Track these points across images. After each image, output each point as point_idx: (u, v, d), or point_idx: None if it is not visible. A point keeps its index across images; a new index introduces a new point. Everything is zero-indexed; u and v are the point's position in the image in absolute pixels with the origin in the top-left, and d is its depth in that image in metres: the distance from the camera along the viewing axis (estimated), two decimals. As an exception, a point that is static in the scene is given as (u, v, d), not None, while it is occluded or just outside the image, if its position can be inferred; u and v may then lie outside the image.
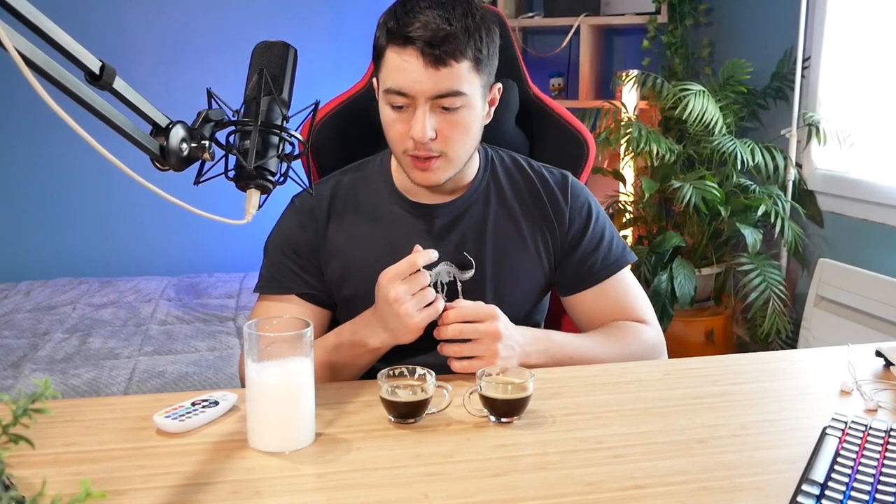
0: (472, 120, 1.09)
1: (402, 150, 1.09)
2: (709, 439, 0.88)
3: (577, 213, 1.22)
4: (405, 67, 1.03)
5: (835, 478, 0.76)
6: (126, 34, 3.19)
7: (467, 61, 1.04)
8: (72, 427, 0.92)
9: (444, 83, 1.03)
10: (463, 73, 1.04)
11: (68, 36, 0.68)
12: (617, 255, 1.22)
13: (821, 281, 2.51)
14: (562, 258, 1.22)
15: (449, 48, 1.02)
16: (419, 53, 1.02)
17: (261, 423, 0.86)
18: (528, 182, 1.23)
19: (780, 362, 1.15)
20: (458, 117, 1.07)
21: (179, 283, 3.06)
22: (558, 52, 3.35)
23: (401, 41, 1.03)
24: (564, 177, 1.24)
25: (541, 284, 1.22)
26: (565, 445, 0.87)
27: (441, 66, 1.02)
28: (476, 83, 1.07)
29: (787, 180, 2.71)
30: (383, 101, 1.09)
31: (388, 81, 1.06)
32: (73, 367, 2.17)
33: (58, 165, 3.19)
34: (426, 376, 0.94)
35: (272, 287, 1.19)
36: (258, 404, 0.86)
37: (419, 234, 1.17)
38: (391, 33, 1.04)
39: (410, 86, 1.03)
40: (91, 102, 0.71)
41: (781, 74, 2.80)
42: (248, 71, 0.92)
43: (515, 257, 1.19)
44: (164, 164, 0.82)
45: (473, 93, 1.07)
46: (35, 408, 0.51)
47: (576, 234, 1.21)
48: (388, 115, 1.09)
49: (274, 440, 0.86)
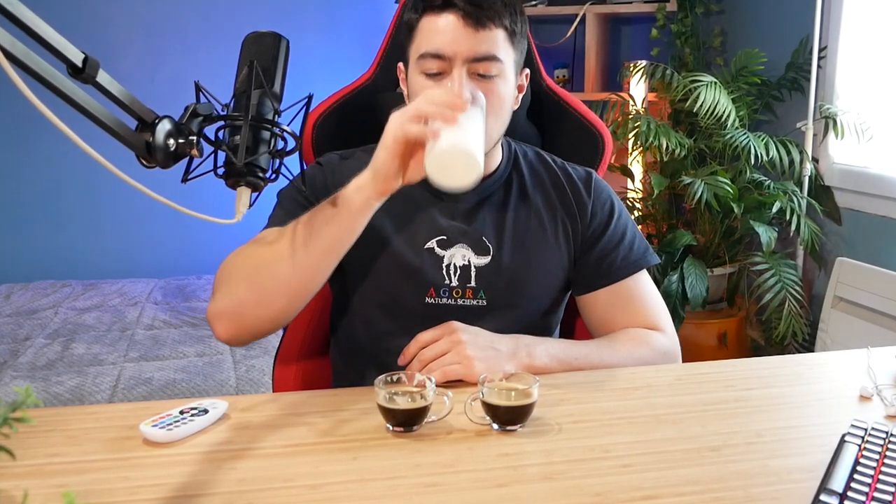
0: (506, 93, 1.12)
1: None
2: (722, 447, 0.88)
3: (600, 208, 1.24)
4: (443, 28, 1.07)
5: (854, 487, 0.76)
6: (110, 25, 3.19)
7: (503, 29, 1.08)
8: (54, 437, 0.92)
9: (482, 45, 1.07)
10: (500, 40, 1.08)
11: (49, 27, 0.68)
12: (637, 255, 1.23)
13: (839, 281, 2.51)
14: (581, 253, 1.23)
15: (488, 12, 1.06)
16: (459, 14, 1.06)
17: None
18: (551, 175, 1.25)
19: (797, 366, 1.15)
20: (495, 86, 1.09)
21: (167, 286, 3.06)
22: (563, 43, 3.35)
23: (439, 3, 1.07)
24: (588, 173, 1.27)
25: (560, 279, 1.23)
26: (571, 454, 0.87)
27: (480, 28, 1.06)
28: (510, 55, 1.11)
29: (803, 176, 2.71)
30: (415, 70, 1.10)
31: (423, 46, 1.08)
32: (55, 374, 2.17)
33: (39, 163, 3.20)
34: (426, 382, 0.94)
35: (283, 221, 1.09)
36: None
37: (439, 214, 1.19)
38: (428, 2, 1.08)
39: (448, 46, 1.06)
40: (73, 96, 0.71)
41: (797, 65, 2.80)
42: (238, 63, 0.92)
43: (535, 248, 1.20)
44: (151, 160, 0.82)
45: (508, 63, 1.11)
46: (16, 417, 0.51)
47: (597, 228, 1.23)
48: (419, 84, 1.10)
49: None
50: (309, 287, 1.05)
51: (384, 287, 1.18)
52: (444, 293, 1.18)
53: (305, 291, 1.05)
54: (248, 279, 1.05)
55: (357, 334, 1.23)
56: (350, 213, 1.00)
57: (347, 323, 1.24)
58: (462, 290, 1.18)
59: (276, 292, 1.04)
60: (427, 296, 1.17)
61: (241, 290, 1.05)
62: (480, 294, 1.18)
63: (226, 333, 1.05)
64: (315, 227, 1.01)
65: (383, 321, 1.19)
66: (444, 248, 1.18)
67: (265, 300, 1.04)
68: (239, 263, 1.07)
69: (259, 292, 1.04)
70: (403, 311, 1.17)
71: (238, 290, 1.05)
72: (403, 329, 1.12)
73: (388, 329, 1.19)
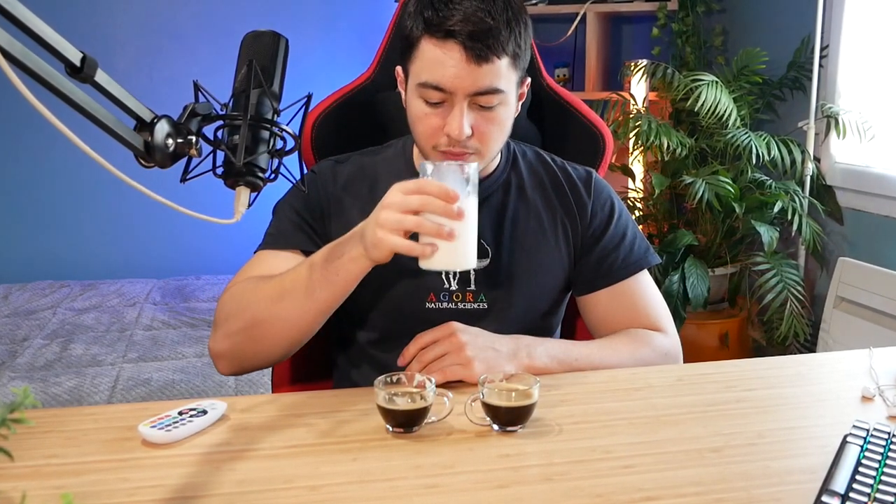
0: (507, 117, 1.11)
1: (433, 146, 1.09)
2: (723, 448, 0.88)
3: (600, 208, 1.23)
4: (445, 62, 1.03)
5: (856, 488, 0.76)
6: (108, 24, 3.19)
7: (507, 57, 1.05)
8: (52, 438, 0.92)
9: (484, 80, 1.04)
10: (503, 71, 1.05)
11: (47, 26, 0.68)
12: (638, 255, 1.23)
13: (841, 281, 2.51)
14: (581, 254, 1.23)
15: (492, 43, 1.02)
16: (461, 48, 1.02)
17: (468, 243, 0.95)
18: (550, 175, 1.25)
19: (799, 367, 1.15)
20: (496, 114, 1.08)
21: (165, 286, 3.06)
22: (563, 42, 3.35)
23: (440, 33, 1.02)
24: (588, 173, 1.26)
25: (560, 280, 1.23)
26: (572, 455, 0.87)
27: (483, 62, 1.03)
28: (513, 79, 1.08)
29: (804, 175, 2.70)
30: (414, 93, 1.08)
31: (423, 75, 1.05)
32: (53, 375, 2.17)
33: (37, 162, 3.20)
34: (425, 383, 0.94)
35: (277, 242, 1.17)
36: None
37: None
38: (429, 24, 1.03)
39: (450, 81, 1.04)
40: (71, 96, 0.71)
41: (798, 64, 2.80)
42: (237, 62, 0.92)
43: (534, 250, 1.20)
44: (149, 160, 0.82)
45: (510, 90, 1.08)
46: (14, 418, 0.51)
47: (597, 229, 1.23)
48: (419, 109, 1.09)
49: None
50: (307, 335, 1.09)
51: (384, 293, 1.18)
52: (444, 297, 1.18)
53: (303, 339, 1.10)
54: (246, 331, 1.08)
55: (358, 339, 1.23)
56: (346, 282, 1.02)
57: (349, 328, 1.24)
58: (462, 294, 1.18)
59: (273, 345, 1.09)
60: (427, 301, 1.17)
61: (239, 339, 1.09)
62: (481, 297, 1.18)
63: (227, 371, 1.13)
64: (311, 290, 1.03)
65: (384, 327, 1.20)
66: None
67: (263, 351, 1.10)
68: (237, 308, 1.09)
69: (257, 343, 1.09)
70: (404, 317, 1.17)
71: (237, 338, 1.09)
72: (404, 334, 1.11)
73: (389, 334, 1.19)
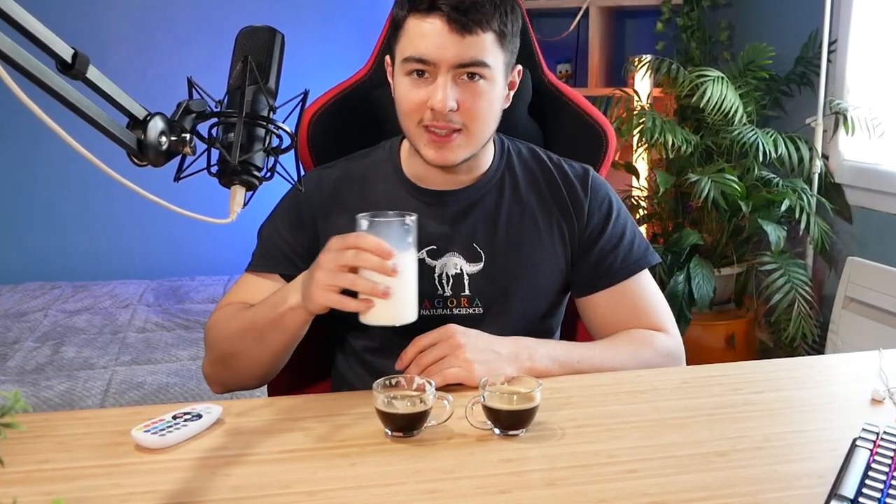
0: (494, 95, 1.11)
1: (418, 121, 1.10)
2: (730, 452, 0.88)
3: (597, 208, 1.23)
4: (428, 33, 1.06)
5: (866, 493, 0.76)
6: (100, 19, 3.19)
7: (492, 33, 1.07)
8: (44, 443, 0.92)
9: (468, 51, 1.06)
10: (487, 45, 1.07)
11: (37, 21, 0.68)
12: (638, 255, 1.22)
13: (849, 281, 2.51)
14: (579, 254, 1.22)
15: (476, 16, 1.05)
16: (445, 19, 1.05)
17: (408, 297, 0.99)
18: (546, 174, 1.24)
19: (807, 369, 1.15)
20: (481, 89, 1.09)
21: (159, 287, 3.06)
22: (565, 37, 3.35)
23: (424, 7, 1.06)
24: (585, 170, 1.25)
25: (557, 282, 1.23)
26: (575, 460, 0.87)
27: (466, 34, 1.05)
28: (500, 58, 1.10)
29: (812, 173, 2.71)
30: (400, 71, 1.10)
31: (407, 50, 1.08)
32: (44, 379, 2.17)
33: (27, 161, 3.19)
34: (425, 386, 0.94)
35: (258, 266, 1.22)
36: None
37: (428, 220, 1.17)
38: (413, 1, 1.06)
39: (434, 52, 1.06)
40: (62, 93, 0.71)
41: (806, 59, 2.80)
42: (232, 58, 0.92)
43: (530, 251, 1.20)
44: (142, 159, 0.82)
45: (497, 67, 1.10)
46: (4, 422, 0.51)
47: (595, 229, 1.22)
48: (404, 85, 1.10)
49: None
50: (276, 368, 1.16)
51: None
52: (438, 304, 1.18)
53: (273, 371, 1.17)
54: (223, 361, 1.17)
55: (355, 345, 1.23)
56: (293, 328, 1.08)
57: (345, 333, 1.24)
58: (457, 300, 1.18)
59: (248, 375, 1.17)
60: (422, 308, 1.16)
61: (219, 367, 1.18)
62: (476, 302, 1.18)
63: (218, 391, 1.21)
64: (265, 333, 1.09)
65: (380, 336, 1.19)
66: (434, 257, 1.17)
67: (242, 377, 1.18)
68: (216, 338, 1.16)
69: (233, 371, 1.17)
70: (399, 326, 1.16)
71: (217, 367, 1.18)
72: (401, 342, 1.11)
73: (385, 343, 1.18)
